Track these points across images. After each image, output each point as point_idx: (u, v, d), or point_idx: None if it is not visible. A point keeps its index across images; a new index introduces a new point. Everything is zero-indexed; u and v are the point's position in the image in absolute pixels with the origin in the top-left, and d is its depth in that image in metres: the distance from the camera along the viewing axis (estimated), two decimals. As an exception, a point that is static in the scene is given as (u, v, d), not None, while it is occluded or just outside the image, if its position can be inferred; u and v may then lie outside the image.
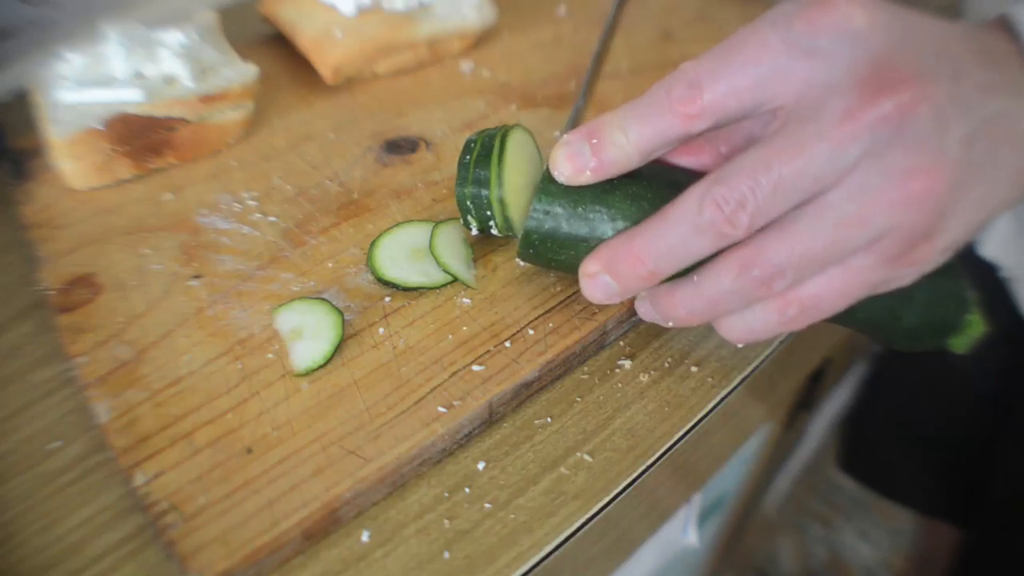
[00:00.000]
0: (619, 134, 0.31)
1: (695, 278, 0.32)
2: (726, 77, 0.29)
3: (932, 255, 0.30)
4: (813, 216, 0.28)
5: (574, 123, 0.35)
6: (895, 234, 0.28)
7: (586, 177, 0.33)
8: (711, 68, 0.29)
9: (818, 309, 0.31)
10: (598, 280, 0.33)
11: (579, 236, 0.35)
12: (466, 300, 0.40)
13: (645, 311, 0.36)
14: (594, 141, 0.32)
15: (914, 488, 0.82)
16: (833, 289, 0.30)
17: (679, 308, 0.33)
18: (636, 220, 0.33)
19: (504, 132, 0.39)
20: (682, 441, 0.39)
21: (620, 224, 0.33)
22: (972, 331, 0.35)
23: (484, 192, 0.38)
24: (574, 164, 0.32)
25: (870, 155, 0.27)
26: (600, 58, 0.37)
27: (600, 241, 0.34)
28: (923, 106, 0.27)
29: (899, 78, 0.27)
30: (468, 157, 0.38)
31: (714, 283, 0.31)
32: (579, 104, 0.35)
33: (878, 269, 0.30)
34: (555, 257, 0.36)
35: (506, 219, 0.38)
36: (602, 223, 0.34)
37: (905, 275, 0.31)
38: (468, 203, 0.39)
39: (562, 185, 0.34)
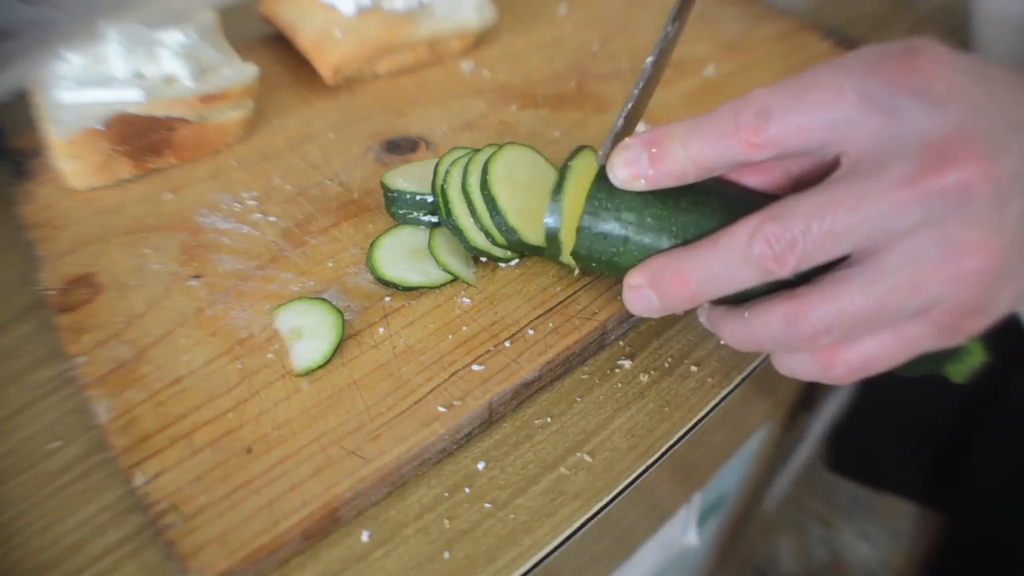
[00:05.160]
0: (679, 148, 0.31)
1: (745, 314, 0.32)
2: (796, 114, 0.29)
3: (982, 326, 0.30)
4: (867, 279, 0.28)
5: (620, 131, 0.35)
6: (946, 306, 0.28)
7: (640, 185, 0.33)
8: (783, 102, 0.29)
9: (866, 370, 0.31)
10: (640, 293, 0.34)
11: (585, 228, 0.35)
12: (466, 300, 0.40)
13: (704, 320, 0.37)
14: (654, 151, 0.32)
15: (904, 478, 0.83)
16: (882, 353, 0.30)
17: (727, 335, 0.34)
18: (639, 211, 0.33)
19: (484, 175, 0.40)
20: (682, 441, 0.39)
21: (626, 215, 0.34)
22: (971, 360, 0.35)
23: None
24: (631, 170, 0.32)
25: (927, 224, 0.27)
26: (658, 67, 0.36)
27: (606, 237, 0.34)
28: (985, 183, 0.27)
29: (966, 151, 0.27)
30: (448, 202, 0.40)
31: (761, 325, 0.31)
32: (622, 121, 0.35)
33: (929, 337, 0.30)
34: (582, 254, 0.36)
35: (523, 243, 0.39)
36: (608, 216, 0.34)
37: (954, 342, 0.31)
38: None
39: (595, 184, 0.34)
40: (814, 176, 0.32)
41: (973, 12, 0.62)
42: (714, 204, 0.33)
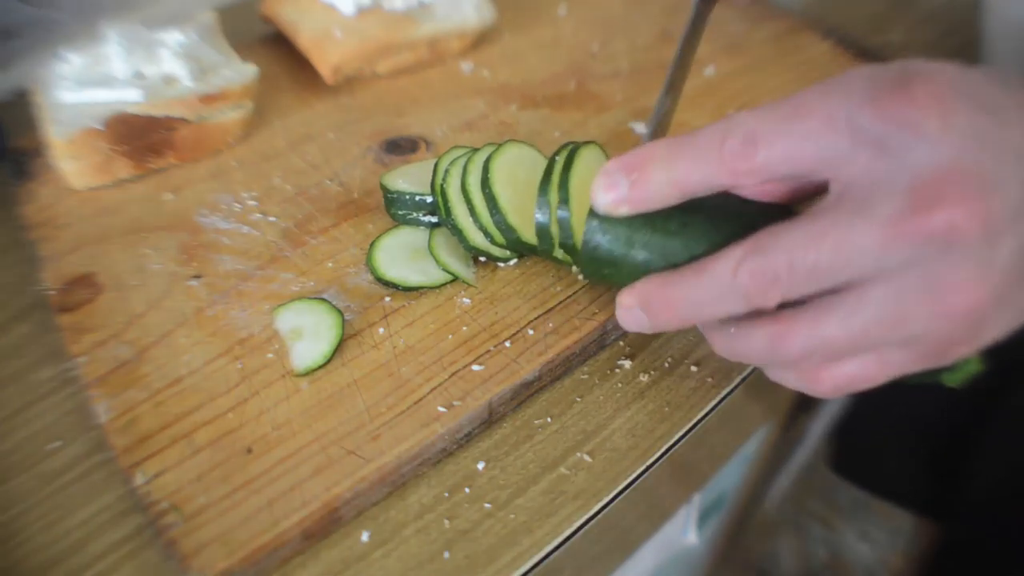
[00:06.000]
0: (662, 172, 0.31)
1: (732, 330, 0.32)
2: (784, 142, 0.28)
3: (969, 353, 0.29)
4: (850, 308, 0.28)
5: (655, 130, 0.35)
6: (931, 339, 0.28)
7: (623, 210, 0.32)
8: (772, 128, 0.28)
9: (851, 387, 0.31)
10: (632, 313, 0.34)
11: (584, 243, 0.35)
12: (466, 300, 0.40)
13: (699, 325, 0.37)
14: (634, 176, 0.31)
15: (903, 479, 0.83)
16: (867, 374, 0.30)
17: (717, 346, 0.34)
18: (628, 236, 0.33)
19: (485, 172, 0.40)
20: (682, 441, 0.39)
21: (617, 238, 0.34)
22: (967, 367, 0.35)
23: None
24: (611, 196, 0.32)
25: (915, 262, 0.27)
26: (682, 67, 0.36)
27: (599, 256, 0.34)
28: (975, 224, 0.26)
29: (956, 192, 0.26)
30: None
31: (746, 343, 0.32)
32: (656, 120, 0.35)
33: (914, 363, 0.30)
34: (585, 269, 0.36)
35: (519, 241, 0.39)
36: (599, 238, 0.34)
37: (941, 365, 0.30)
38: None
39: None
40: (809, 186, 0.32)
41: (984, 15, 0.62)
42: (704, 226, 0.32)
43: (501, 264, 0.42)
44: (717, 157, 0.29)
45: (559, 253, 0.38)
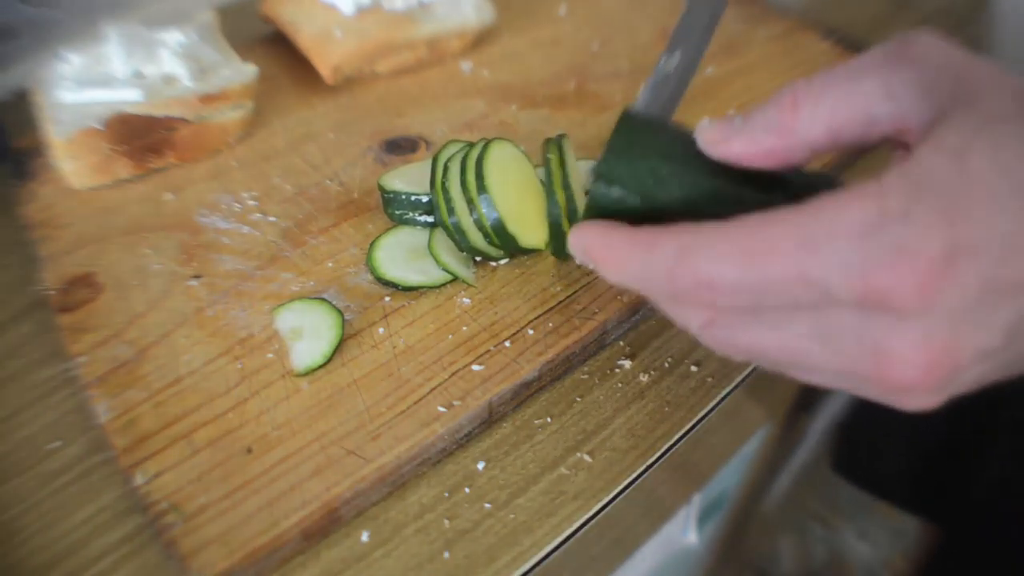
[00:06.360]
0: (615, 276, 0.30)
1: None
2: (745, 297, 0.26)
3: None
4: (803, 371, 0.28)
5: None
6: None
7: None
8: (730, 280, 0.25)
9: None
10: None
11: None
12: (466, 300, 0.40)
13: None
14: (592, 266, 0.31)
15: (903, 486, 0.83)
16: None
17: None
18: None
19: (480, 155, 0.40)
20: (682, 441, 0.39)
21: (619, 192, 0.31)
22: None
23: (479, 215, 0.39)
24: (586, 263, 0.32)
25: (863, 386, 0.27)
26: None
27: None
28: (937, 384, 0.24)
29: (922, 365, 0.24)
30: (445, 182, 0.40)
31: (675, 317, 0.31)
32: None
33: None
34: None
35: (508, 236, 0.39)
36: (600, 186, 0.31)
37: None
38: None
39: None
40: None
41: (992, 9, 0.61)
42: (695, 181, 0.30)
43: (493, 263, 0.42)
44: (669, 292, 0.28)
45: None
